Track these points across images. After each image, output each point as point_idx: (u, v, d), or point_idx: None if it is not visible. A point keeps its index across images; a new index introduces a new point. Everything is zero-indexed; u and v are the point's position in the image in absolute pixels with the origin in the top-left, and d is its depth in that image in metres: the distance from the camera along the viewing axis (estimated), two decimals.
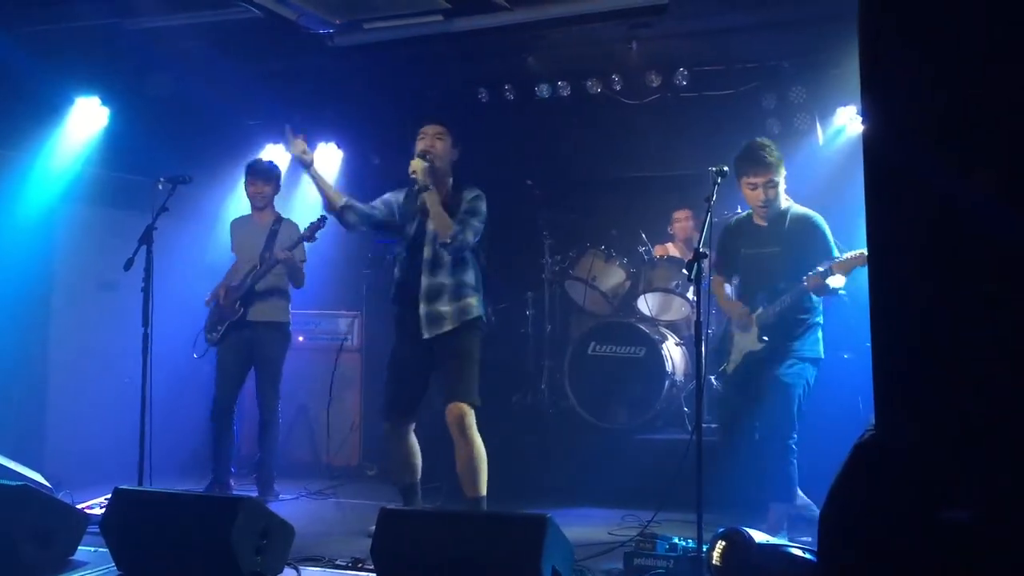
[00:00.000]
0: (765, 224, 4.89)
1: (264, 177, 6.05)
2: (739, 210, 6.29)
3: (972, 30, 2.29)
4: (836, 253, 4.68)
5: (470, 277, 4.73)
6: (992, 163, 2.28)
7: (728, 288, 5.17)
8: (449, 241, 4.55)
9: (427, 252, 4.67)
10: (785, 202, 4.89)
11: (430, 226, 4.64)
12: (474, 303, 4.72)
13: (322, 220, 5.73)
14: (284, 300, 6.03)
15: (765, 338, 4.79)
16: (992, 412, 2.25)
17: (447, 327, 4.65)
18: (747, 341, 4.89)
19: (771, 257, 4.83)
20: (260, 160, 6.25)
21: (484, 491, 4.63)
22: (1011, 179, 2.25)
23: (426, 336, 4.65)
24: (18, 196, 6.28)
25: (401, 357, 4.81)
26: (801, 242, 4.77)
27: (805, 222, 4.83)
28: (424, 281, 4.64)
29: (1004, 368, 2.24)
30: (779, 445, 4.67)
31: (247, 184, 6.06)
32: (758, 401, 4.85)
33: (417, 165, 4.56)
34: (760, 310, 4.84)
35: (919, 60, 2.38)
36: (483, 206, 4.71)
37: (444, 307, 4.65)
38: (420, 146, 4.65)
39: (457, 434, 4.61)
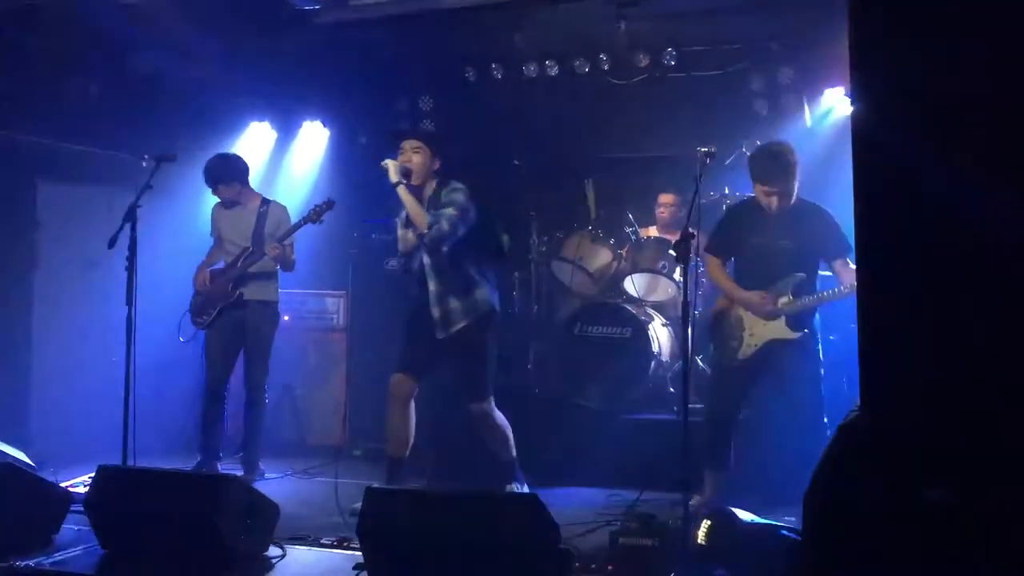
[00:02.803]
0: (776, 216, 4.83)
1: (227, 179, 5.88)
2: (726, 191, 6.29)
3: (964, 12, 2.29)
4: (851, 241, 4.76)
5: (473, 271, 4.93)
6: (979, 146, 2.28)
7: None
8: (425, 231, 4.77)
9: (426, 258, 4.87)
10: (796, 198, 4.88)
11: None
12: (481, 297, 4.92)
13: (330, 203, 5.66)
14: (274, 280, 6.00)
15: (805, 329, 4.80)
16: (978, 395, 2.27)
17: (460, 324, 4.86)
18: (771, 329, 4.81)
19: (786, 250, 4.80)
20: (218, 161, 5.95)
21: (514, 452, 5.07)
22: (998, 162, 2.26)
23: (440, 336, 4.87)
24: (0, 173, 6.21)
25: (417, 333, 4.98)
26: (817, 235, 4.79)
27: (818, 215, 4.84)
28: (432, 285, 4.86)
29: (990, 351, 2.25)
30: (822, 428, 4.63)
31: (214, 192, 5.90)
32: (785, 390, 4.86)
33: (388, 163, 4.83)
34: (789, 299, 4.78)
35: (909, 42, 2.37)
36: (460, 196, 4.87)
37: (455, 304, 4.86)
38: (400, 159, 4.89)
39: (484, 427, 4.99)
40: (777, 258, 4.82)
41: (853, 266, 4.63)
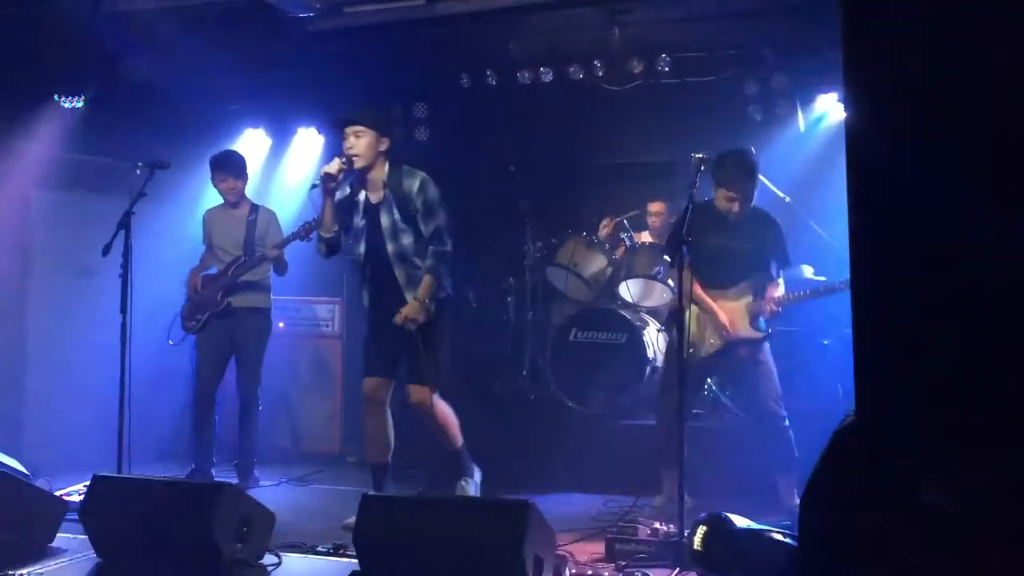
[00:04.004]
0: (734, 219, 4.91)
1: (235, 172, 5.93)
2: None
3: (960, 17, 2.29)
4: (788, 257, 5.01)
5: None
6: (975, 151, 2.28)
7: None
8: (329, 234, 4.87)
9: (390, 247, 4.83)
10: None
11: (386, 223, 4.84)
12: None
13: (318, 220, 5.68)
14: (266, 288, 6.01)
15: (769, 330, 4.89)
16: (967, 401, 2.27)
17: (432, 308, 4.82)
18: (735, 329, 4.90)
19: (744, 252, 4.92)
20: (229, 153, 6.08)
21: (461, 441, 4.99)
22: (994, 168, 2.26)
23: (422, 320, 4.78)
24: None
25: (379, 325, 4.94)
26: (770, 242, 4.93)
27: (770, 223, 4.98)
28: (399, 272, 4.83)
29: (980, 359, 2.26)
30: (778, 421, 4.80)
31: (218, 180, 5.92)
32: (742, 385, 5.01)
33: (332, 166, 4.75)
34: (750, 300, 4.89)
35: (903, 47, 2.38)
36: (433, 192, 4.84)
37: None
38: (344, 147, 4.81)
39: (425, 415, 4.88)
40: (735, 259, 4.92)
41: (780, 281, 4.97)
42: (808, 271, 5.69)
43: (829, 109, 6.61)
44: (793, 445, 4.76)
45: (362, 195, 4.90)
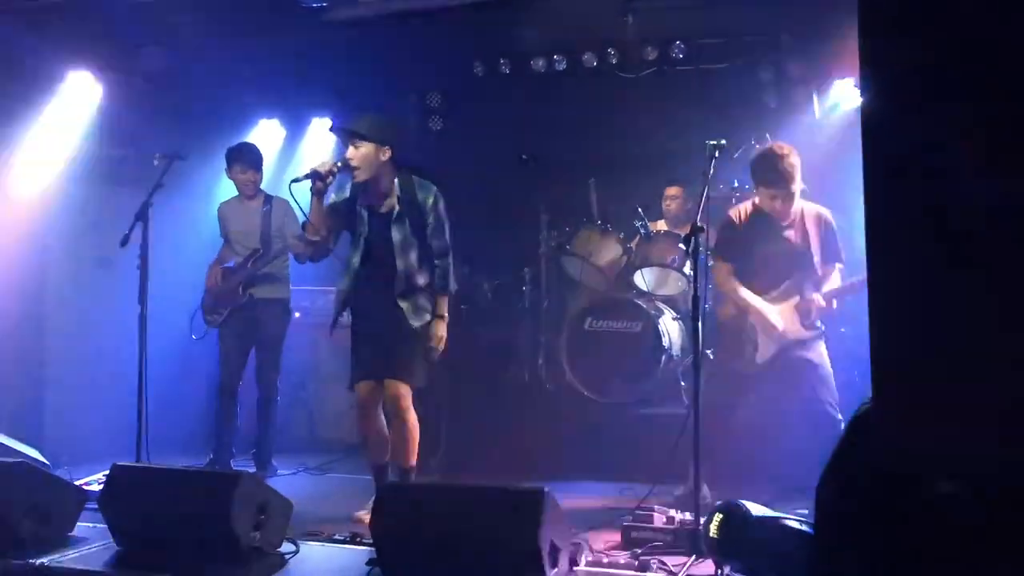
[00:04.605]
0: (780, 219, 4.84)
1: (255, 163, 5.97)
2: (735, 184, 6.27)
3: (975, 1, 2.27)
4: (842, 254, 4.86)
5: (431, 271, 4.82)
6: (992, 136, 2.27)
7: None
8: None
9: (400, 263, 4.68)
10: (799, 199, 4.88)
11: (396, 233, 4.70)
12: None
13: (304, 223, 5.72)
14: (284, 278, 6.04)
15: (820, 326, 4.82)
16: (989, 390, 2.26)
17: (427, 318, 4.73)
18: (787, 330, 4.84)
19: (790, 252, 4.84)
20: (246, 145, 6.10)
21: (414, 463, 4.73)
22: (1012, 151, 2.25)
23: (416, 325, 4.69)
24: (12, 173, 6.24)
25: (369, 334, 4.81)
26: (818, 238, 4.84)
27: (823, 221, 4.89)
28: (398, 289, 4.69)
29: (1004, 346, 2.25)
30: (836, 424, 4.64)
31: (236, 172, 5.93)
32: (799, 390, 4.86)
33: (323, 165, 4.60)
34: (798, 299, 4.81)
35: (919, 32, 2.36)
36: (443, 207, 4.74)
37: (422, 301, 4.74)
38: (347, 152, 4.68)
39: (397, 409, 4.65)
40: (776, 261, 4.86)
41: (837, 274, 4.84)
42: None
43: (845, 95, 6.56)
44: None
45: (364, 206, 4.73)
